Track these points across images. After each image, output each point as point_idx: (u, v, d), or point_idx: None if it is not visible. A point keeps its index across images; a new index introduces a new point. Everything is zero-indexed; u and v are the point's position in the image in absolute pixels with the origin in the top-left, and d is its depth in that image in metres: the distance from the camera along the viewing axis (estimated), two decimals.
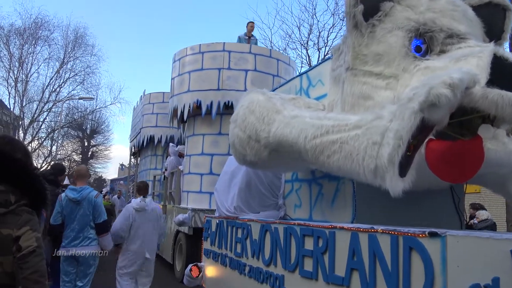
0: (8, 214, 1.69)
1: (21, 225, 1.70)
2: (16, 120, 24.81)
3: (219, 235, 5.38)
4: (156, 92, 12.55)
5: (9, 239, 1.67)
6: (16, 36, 24.76)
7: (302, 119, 3.59)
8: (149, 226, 5.57)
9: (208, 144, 8.09)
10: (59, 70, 26.02)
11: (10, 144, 1.90)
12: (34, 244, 1.70)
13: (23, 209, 1.76)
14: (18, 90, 24.56)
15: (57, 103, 26.28)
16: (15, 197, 1.74)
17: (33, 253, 1.68)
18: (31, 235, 1.71)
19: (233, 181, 5.13)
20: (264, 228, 4.12)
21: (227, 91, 7.83)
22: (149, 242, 5.57)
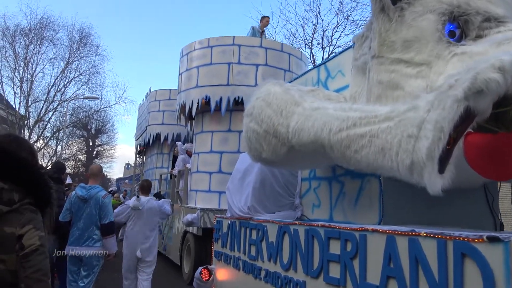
0: (12, 213, 1.69)
1: (24, 223, 1.70)
2: (22, 119, 24.81)
3: (231, 237, 5.10)
4: (162, 89, 12.26)
5: (12, 238, 1.67)
6: (21, 36, 24.85)
7: (325, 111, 3.30)
8: (142, 226, 5.60)
9: (217, 142, 7.80)
10: (64, 70, 26.11)
11: (15, 142, 1.89)
12: (37, 242, 1.70)
13: (27, 208, 1.75)
14: (23, 90, 24.61)
15: (62, 102, 26.34)
16: (19, 195, 1.74)
17: (36, 251, 1.68)
18: (34, 234, 1.70)
19: (246, 180, 4.84)
20: (282, 229, 3.83)
21: (237, 86, 7.54)
22: (142, 241, 5.59)
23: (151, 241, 5.73)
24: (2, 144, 1.81)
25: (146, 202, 5.75)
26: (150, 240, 5.72)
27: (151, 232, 5.74)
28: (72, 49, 26.29)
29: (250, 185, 4.69)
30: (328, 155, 3.20)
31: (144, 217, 5.66)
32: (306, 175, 4.67)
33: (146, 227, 5.67)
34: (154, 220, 5.79)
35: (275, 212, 4.65)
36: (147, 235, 5.69)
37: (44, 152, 28.55)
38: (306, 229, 3.40)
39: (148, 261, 5.75)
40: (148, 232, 5.70)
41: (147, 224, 5.69)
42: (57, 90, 26.03)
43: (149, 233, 5.71)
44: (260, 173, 4.68)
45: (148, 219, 5.70)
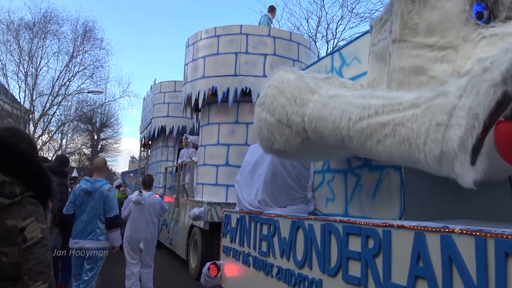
0: (13, 205, 1.70)
1: (26, 216, 1.71)
2: (27, 113, 24.75)
3: (240, 232, 4.91)
4: (167, 81, 12.04)
5: (14, 230, 1.68)
6: (26, 30, 24.72)
7: (343, 99, 3.09)
8: (144, 219, 5.88)
9: (224, 134, 7.60)
10: (68, 64, 26.00)
11: (15, 135, 1.89)
12: (39, 235, 1.70)
13: (28, 201, 1.76)
14: (28, 84, 24.57)
15: (66, 96, 26.31)
16: (20, 188, 1.74)
17: (38, 244, 1.69)
18: (36, 226, 1.71)
19: (257, 173, 4.64)
20: (295, 225, 3.63)
21: (244, 76, 7.32)
22: (144, 233, 5.85)
23: (153, 234, 6.01)
24: (2, 137, 1.79)
25: (148, 197, 6.03)
26: (153, 233, 6.00)
27: (152, 225, 5.99)
28: (76, 43, 26.25)
29: (261, 178, 4.49)
30: (347, 145, 3.01)
31: (145, 211, 5.91)
32: (319, 168, 4.47)
33: (148, 220, 5.93)
34: (155, 215, 6.06)
35: (286, 206, 4.45)
36: (149, 228, 5.93)
37: (49, 146, 28.61)
38: (323, 224, 3.21)
39: (149, 253, 6.02)
40: (150, 225, 5.95)
41: (149, 218, 5.94)
42: (62, 84, 25.98)
43: (151, 226, 5.95)
44: (271, 166, 4.48)
45: (149, 213, 5.95)
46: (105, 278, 7.01)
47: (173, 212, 9.49)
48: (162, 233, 10.42)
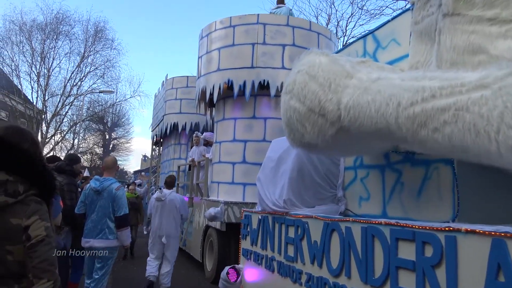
0: (17, 204, 1.71)
1: (30, 214, 1.72)
2: (39, 114, 24.87)
3: (262, 234, 4.51)
4: (179, 76, 11.63)
5: (18, 229, 1.69)
6: (38, 31, 24.91)
7: (389, 82, 2.67)
8: (166, 215, 6.21)
9: (241, 129, 7.20)
10: (80, 64, 26.08)
11: (17, 134, 1.87)
12: (43, 233, 1.72)
13: (32, 199, 1.76)
14: (40, 84, 24.77)
15: (78, 96, 26.35)
16: (23, 187, 1.74)
17: (42, 242, 1.70)
18: (40, 224, 1.72)
19: (281, 169, 4.23)
20: (329, 227, 3.22)
21: (262, 69, 6.91)
22: (166, 228, 6.16)
23: (175, 230, 6.28)
24: (5, 136, 1.78)
25: (169, 194, 6.33)
26: (175, 229, 6.28)
27: (174, 221, 6.27)
28: (88, 44, 26.33)
29: (286, 175, 4.08)
30: (393, 136, 2.60)
31: (167, 207, 6.24)
32: (350, 164, 4.05)
33: (170, 216, 6.23)
34: (176, 211, 6.30)
35: (314, 206, 4.04)
36: (171, 224, 6.23)
37: (62, 146, 28.78)
38: (364, 228, 2.79)
39: (171, 249, 6.25)
40: (172, 220, 6.25)
41: (170, 214, 6.24)
42: (73, 84, 26.06)
43: (172, 222, 6.25)
44: (297, 162, 4.07)
45: (170, 209, 6.24)
46: (116, 277, 6.94)
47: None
48: None
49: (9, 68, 23.95)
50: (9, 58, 23.81)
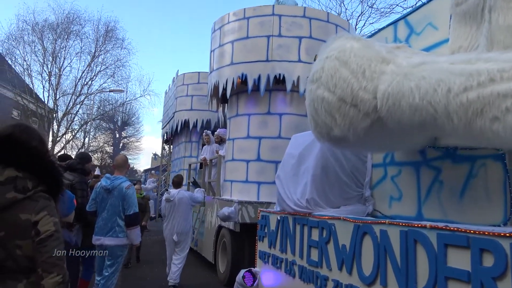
0: (26, 200, 1.74)
1: (39, 210, 1.74)
2: (51, 112, 24.95)
3: (282, 236, 4.21)
4: (190, 72, 11.35)
5: (27, 224, 1.71)
6: (49, 31, 25.01)
7: (435, 66, 2.36)
8: (175, 214, 6.39)
9: (255, 126, 6.90)
10: (91, 64, 26.10)
11: (26, 132, 1.91)
12: (52, 228, 1.75)
13: (40, 195, 1.79)
14: (51, 83, 24.85)
15: (89, 95, 26.38)
16: (32, 183, 1.77)
17: (51, 237, 1.73)
18: (49, 220, 1.75)
19: (303, 166, 3.93)
20: (360, 230, 2.91)
21: (277, 62, 6.60)
22: (177, 226, 6.38)
23: (187, 227, 6.46)
24: (13, 134, 1.81)
25: (177, 194, 6.47)
26: (186, 226, 6.46)
27: (185, 219, 6.44)
28: (98, 43, 26.35)
29: (308, 173, 3.78)
30: (440, 126, 2.29)
31: (176, 207, 6.39)
32: (379, 160, 3.73)
33: (180, 215, 6.40)
34: (187, 208, 6.48)
35: (340, 207, 3.73)
36: (181, 222, 6.40)
37: (73, 144, 28.96)
38: (404, 231, 2.47)
39: (182, 245, 6.45)
40: (182, 219, 6.41)
41: (180, 213, 6.40)
42: (84, 83, 26.08)
43: (183, 221, 6.41)
44: (321, 158, 3.76)
45: (180, 208, 6.40)
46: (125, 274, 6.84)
47: (198, 211, 8.86)
48: None
49: (21, 67, 24.18)
50: (21, 58, 24.03)
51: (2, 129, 1.86)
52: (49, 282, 1.69)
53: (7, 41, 23.67)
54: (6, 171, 1.74)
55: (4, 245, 1.68)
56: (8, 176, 1.73)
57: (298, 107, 6.91)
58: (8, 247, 1.69)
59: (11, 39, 23.79)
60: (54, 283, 1.69)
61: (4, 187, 1.71)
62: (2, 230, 1.68)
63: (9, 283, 1.69)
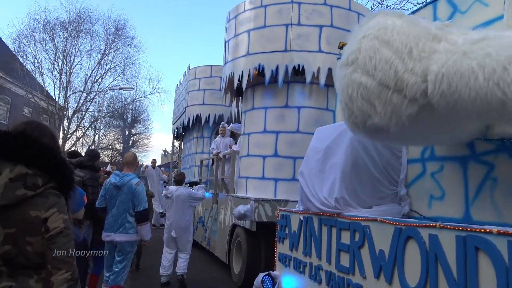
0: (36, 197, 1.74)
1: (49, 207, 1.75)
2: (61, 110, 25.26)
3: (305, 238, 3.86)
4: (203, 66, 10.99)
5: (37, 221, 1.72)
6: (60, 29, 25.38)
7: (503, 42, 1.98)
8: (174, 210, 6.43)
9: (272, 120, 6.55)
10: (101, 61, 26.43)
11: (37, 129, 1.93)
12: (61, 225, 1.75)
13: (50, 192, 1.79)
14: (62, 81, 25.15)
15: (99, 93, 26.72)
16: (42, 180, 1.77)
17: (61, 233, 1.74)
18: (58, 217, 1.76)
19: (329, 162, 3.57)
20: (403, 234, 2.54)
21: (297, 52, 6.23)
22: (175, 223, 6.38)
23: (183, 223, 6.41)
24: (25, 131, 1.83)
25: (175, 190, 6.48)
26: (183, 222, 6.40)
27: (183, 215, 6.41)
28: (108, 41, 26.62)
29: (337, 169, 3.42)
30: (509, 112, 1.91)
31: (174, 203, 6.42)
32: (416, 155, 3.35)
33: (178, 211, 6.39)
34: (184, 205, 6.43)
35: (372, 207, 3.37)
36: (180, 218, 6.38)
37: (83, 142, 29.22)
38: (461, 237, 2.10)
39: (182, 241, 6.41)
40: (180, 215, 6.39)
41: (179, 209, 6.40)
42: (94, 81, 26.38)
43: (181, 217, 6.38)
44: (351, 153, 3.40)
45: (177, 205, 6.41)
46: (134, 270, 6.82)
47: (210, 209, 8.53)
48: (198, 232, 9.51)
49: (32, 65, 24.50)
50: (32, 56, 24.34)
51: (15, 126, 1.89)
52: (58, 279, 1.69)
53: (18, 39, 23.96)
54: (16, 168, 1.73)
55: (15, 242, 1.69)
56: (18, 173, 1.72)
57: (317, 100, 6.55)
58: (19, 244, 1.70)
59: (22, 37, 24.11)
60: (63, 279, 1.69)
61: (14, 184, 1.70)
62: (13, 227, 1.69)
63: (21, 279, 1.70)
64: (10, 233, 1.68)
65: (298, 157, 6.40)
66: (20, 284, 1.68)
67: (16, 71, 22.77)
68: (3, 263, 1.69)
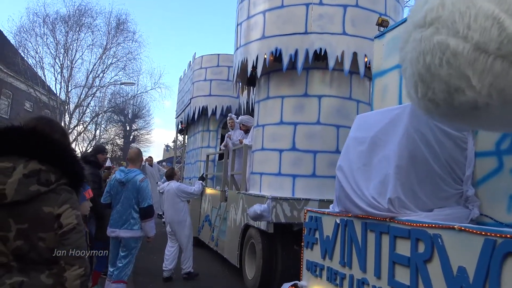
0: (49, 193, 1.76)
1: (62, 203, 1.77)
2: (62, 105, 25.29)
3: (343, 245, 3.25)
4: (209, 54, 10.30)
5: (50, 217, 1.74)
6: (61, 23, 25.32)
7: None
8: (167, 205, 6.64)
9: (290, 110, 5.93)
10: (102, 56, 26.35)
11: (48, 125, 1.95)
12: (74, 221, 1.77)
13: (63, 188, 1.81)
14: (63, 76, 25.16)
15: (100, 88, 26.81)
16: (55, 176, 1.79)
17: (74, 230, 1.76)
18: (71, 213, 1.77)
19: (378, 154, 2.95)
20: (499, 249, 1.93)
21: (318, 35, 5.59)
22: (169, 217, 6.60)
23: (177, 218, 6.52)
24: (37, 126, 1.84)
25: (166, 185, 6.76)
26: (177, 217, 6.52)
27: (176, 210, 6.55)
28: (110, 36, 26.52)
29: (389, 163, 2.80)
30: None
31: (166, 198, 6.68)
32: (488, 147, 2.74)
33: (171, 205, 6.57)
34: (175, 200, 6.55)
35: (432, 210, 2.75)
36: (173, 213, 6.54)
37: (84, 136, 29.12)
38: None
39: (179, 235, 6.51)
40: (172, 210, 6.56)
41: (171, 204, 6.57)
42: (96, 75, 26.29)
43: (174, 211, 6.54)
44: (407, 144, 2.79)
45: (169, 199, 6.60)
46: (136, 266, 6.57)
47: (218, 207, 7.92)
48: (204, 231, 8.91)
49: (33, 60, 24.42)
50: (33, 50, 24.28)
51: (26, 122, 1.88)
52: (71, 275, 1.71)
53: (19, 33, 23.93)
54: (30, 164, 1.73)
55: (27, 237, 1.69)
56: (32, 169, 1.73)
57: (340, 88, 5.92)
58: (32, 239, 1.70)
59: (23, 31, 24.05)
60: (77, 275, 1.71)
61: (28, 179, 1.71)
62: (26, 223, 1.69)
63: (32, 274, 1.69)
64: (22, 229, 1.68)
65: (319, 151, 5.79)
66: (31, 279, 1.68)
67: (18, 66, 22.64)
68: (14, 258, 1.68)
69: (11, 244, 1.67)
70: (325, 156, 5.78)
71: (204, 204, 9.26)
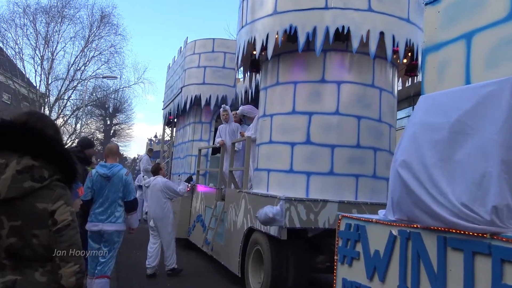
0: (43, 189, 1.73)
1: (56, 199, 1.74)
2: (42, 97, 24.82)
3: (404, 265, 2.49)
4: (203, 39, 9.28)
5: (44, 213, 1.71)
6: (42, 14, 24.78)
7: None
8: (151, 200, 6.62)
9: (304, 98, 5.12)
10: (84, 49, 25.95)
11: (40, 120, 1.93)
12: (69, 218, 1.75)
13: (57, 184, 1.78)
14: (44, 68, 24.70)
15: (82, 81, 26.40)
16: (48, 172, 1.76)
17: (68, 226, 1.74)
18: (66, 209, 1.75)
19: (466, 146, 2.18)
20: None
21: (340, 10, 4.80)
22: (153, 212, 6.56)
23: (160, 213, 6.50)
24: (29, 122, 1.82)
25: (152, 180, 6.71)
26: (160, 212, 6.50)
27: (159, 205, 6.53)
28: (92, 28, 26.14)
29: (488, 157, 2.04)
30: None
31: (150, 193, 6.64)
32: None
33: (155, 201, 6.56)
34: (160, 195, 6.53)
35: None
36: (156, 208, 6.52)
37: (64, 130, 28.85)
38: None
39: (162, 231, 6.49)
40: (156, 206, 6.53)
41: (155, 199, 6.56)
42: (77, 68, 25.88)
43: (157, 207, 6.53)
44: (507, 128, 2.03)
45: (153, 195, 6.58)
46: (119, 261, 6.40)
47: (214, 206, 7.08)
48: (196, 232, 8.07)
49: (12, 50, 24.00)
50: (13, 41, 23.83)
51: (17, 116, 1.87)
52: (67, 272, 1.69)
53: None
54: (23, 159, 1.71)
55: (21, 234, 1.67)
56: (25, 165, 1.70)
57: (361, 73, 5.17)
58: (25, 236, 1.67)
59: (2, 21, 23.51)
60: (72, 272, 1.69)
61: (21, 176, 1.68)
62: (19, 219, 1.67)
63: (27, 271, 1.67)
64: (15, 226, 1.66)
65: (337, 145, 5.02)
66: (25, 277, 1.65)
67: None
68: (6, 256, 1.66)
69: (4, 241, 1.64)
70: (344, 151, 5.02)
71: (196, 203, 8.41)
